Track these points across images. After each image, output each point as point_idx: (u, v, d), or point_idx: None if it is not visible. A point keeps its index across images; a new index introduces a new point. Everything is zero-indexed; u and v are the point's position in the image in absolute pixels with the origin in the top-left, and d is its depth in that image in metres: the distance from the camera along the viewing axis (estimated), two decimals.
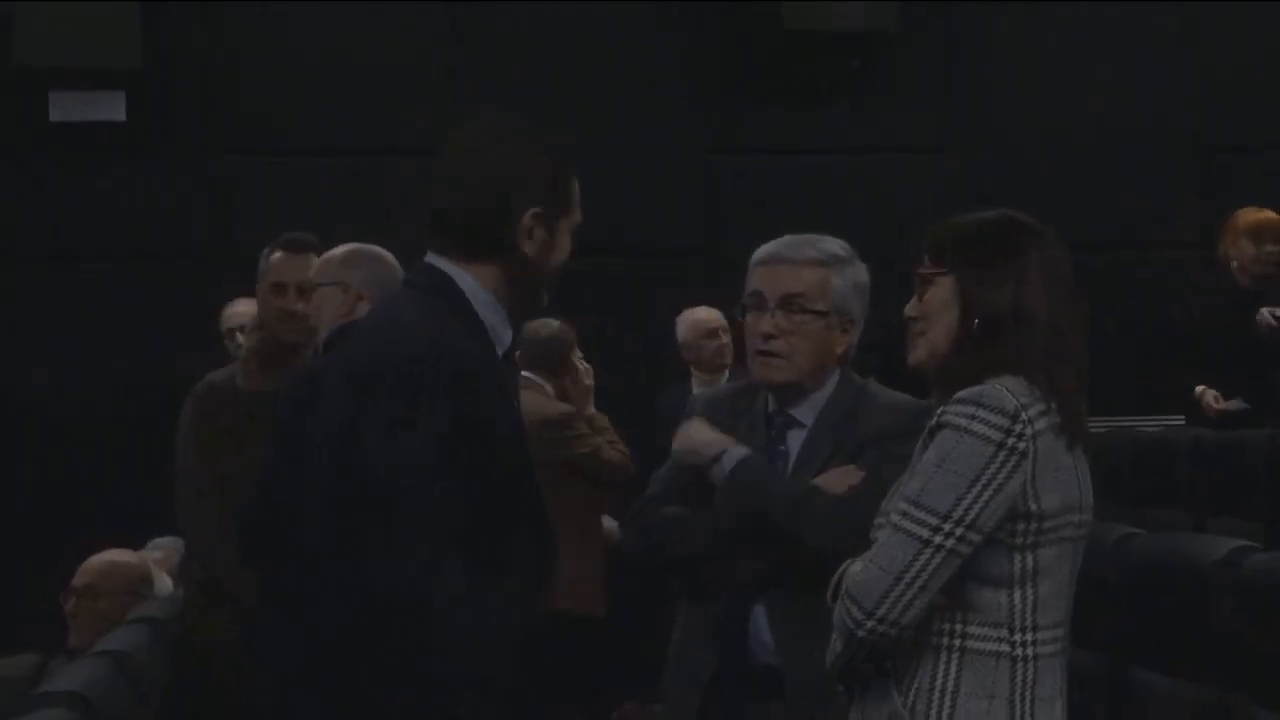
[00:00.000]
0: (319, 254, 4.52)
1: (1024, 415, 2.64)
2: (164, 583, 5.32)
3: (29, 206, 8.29)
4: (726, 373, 7.32)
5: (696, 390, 7.18)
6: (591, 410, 6.51)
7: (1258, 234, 7.20)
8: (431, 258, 2.92)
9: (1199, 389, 7.09)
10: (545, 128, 2.94)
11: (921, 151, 8.70)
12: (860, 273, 3.51)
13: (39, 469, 8.19)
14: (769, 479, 3.36)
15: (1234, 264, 7.24)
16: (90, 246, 8.28)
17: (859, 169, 8.61)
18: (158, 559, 5.56)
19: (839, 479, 3.32)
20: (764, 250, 3.51)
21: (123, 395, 8.14)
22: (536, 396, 6.17)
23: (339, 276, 4.27)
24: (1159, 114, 8.73)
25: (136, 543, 5.93)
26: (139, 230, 8.29)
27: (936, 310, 2.77)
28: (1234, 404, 6.98)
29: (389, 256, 4.29)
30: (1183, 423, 7.27)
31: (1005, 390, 2.65)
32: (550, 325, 6.34)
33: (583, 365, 6.55)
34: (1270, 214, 7.26)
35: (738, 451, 3.38)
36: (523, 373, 6.11)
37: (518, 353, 6.47)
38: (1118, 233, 8.56)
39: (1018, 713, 2.66)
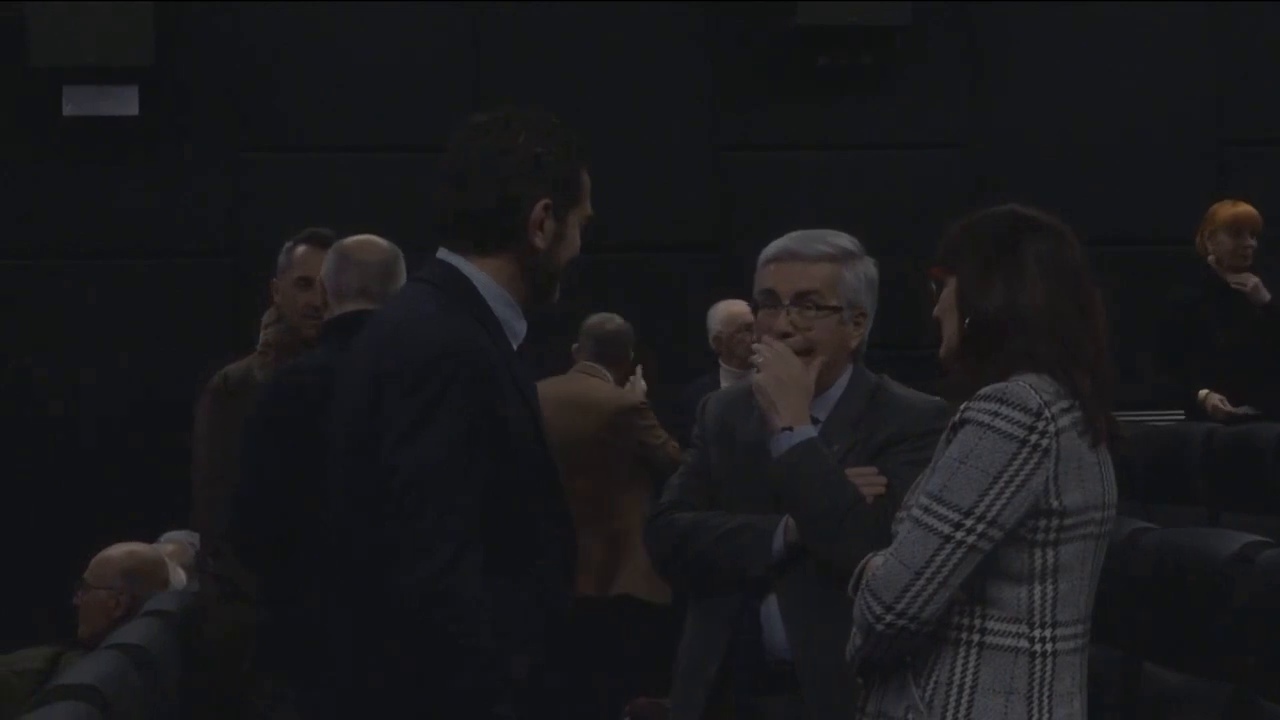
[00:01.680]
0: None
1: (1047, 413, 2.64)
2: (178, 576, 5.32)
3: (42, 202, 8.29)
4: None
5: (724, 382, 7.19)
6: None
7: (1235, 228, 7.13)
8: (443, 253, 2.91)
9: (1202, 393, 7.01)
10: (556, 119, 2.93)
11: (934, 147, 8.68)
12: (869, 267, 3.52)
13: (51, 465, 8.19)
14: (820, 478, 3.30)
15: (1211, 258, 7.19)
16: (103, 242, 8.29)
17: (872, 165, 8.60)
18: (171, 552, 5.57)
19: (862, 481, 3.31)
20: (774, 247, 3.51)
21: (137, 390, 8.14)
22: (607, 385, 6.47)
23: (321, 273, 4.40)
24: (1175, 110, 8.71)
25: (150, 538, 5.95)
26: (152, 226, 8.30)
27: (946, 311, 2.78)
28: (1242, 410, 6.91)
29: (364, 253, 4.30)
30: (1183, 418, 7.22)
31: (1029, 387, 2.65)
32: (615, 321, 6.59)
33: (638, 369, 6.70)
34: (1247, 206, 7.18)
35: (805, 432, 3.33)
36: (585, 362, 6.51)
37: (575, 345, 6.72)
38: (1133, 228, 8.54)
39: (1035, 708, 2.66)
